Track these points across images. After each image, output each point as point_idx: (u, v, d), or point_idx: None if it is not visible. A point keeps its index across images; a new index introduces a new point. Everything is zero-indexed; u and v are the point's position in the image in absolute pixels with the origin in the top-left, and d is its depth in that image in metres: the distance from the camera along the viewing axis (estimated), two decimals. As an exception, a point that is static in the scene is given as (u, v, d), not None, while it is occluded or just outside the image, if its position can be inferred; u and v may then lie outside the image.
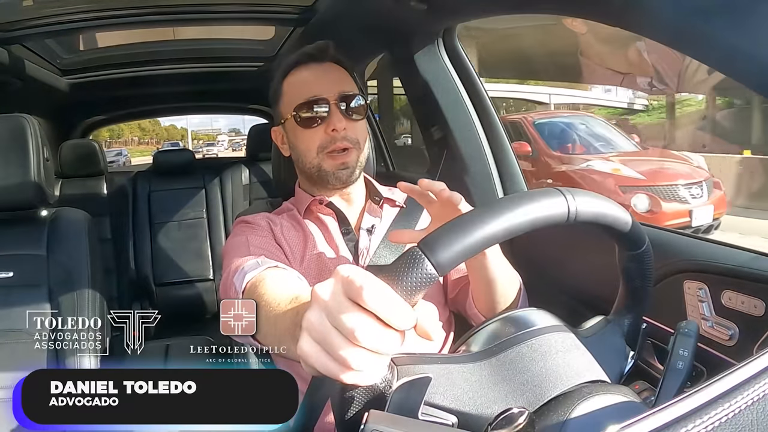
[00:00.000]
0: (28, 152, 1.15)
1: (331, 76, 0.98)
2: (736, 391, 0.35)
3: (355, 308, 0.39)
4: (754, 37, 0.58)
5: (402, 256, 0.43)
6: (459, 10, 1.19)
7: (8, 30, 1.61)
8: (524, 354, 0.52)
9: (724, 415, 0.33)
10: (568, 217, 0.49)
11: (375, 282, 0.39)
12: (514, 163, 1.39)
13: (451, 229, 0.45)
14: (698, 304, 0.84)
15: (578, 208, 0.50)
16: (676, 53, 4.16)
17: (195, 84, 2.63)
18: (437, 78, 1.38)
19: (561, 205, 0.49)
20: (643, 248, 0.57)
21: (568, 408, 0.47)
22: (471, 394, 0.49)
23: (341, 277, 0.40)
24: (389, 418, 0.44)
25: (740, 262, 0.81)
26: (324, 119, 0.95)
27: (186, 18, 1.84)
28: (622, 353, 0.63)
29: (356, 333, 0.38)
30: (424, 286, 0.42)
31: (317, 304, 0.41)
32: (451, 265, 0.44)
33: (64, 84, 2.32)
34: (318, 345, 0.40)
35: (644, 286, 0.61)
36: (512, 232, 0.47)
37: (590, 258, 0.87)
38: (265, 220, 0.99)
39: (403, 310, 0.39)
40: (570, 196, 0.50)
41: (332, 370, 0.40)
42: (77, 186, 2.51)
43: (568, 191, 0.50)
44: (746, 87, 0.63)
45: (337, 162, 0.96)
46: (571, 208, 0.49)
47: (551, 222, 0.49)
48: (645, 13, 0.71)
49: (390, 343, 0.39)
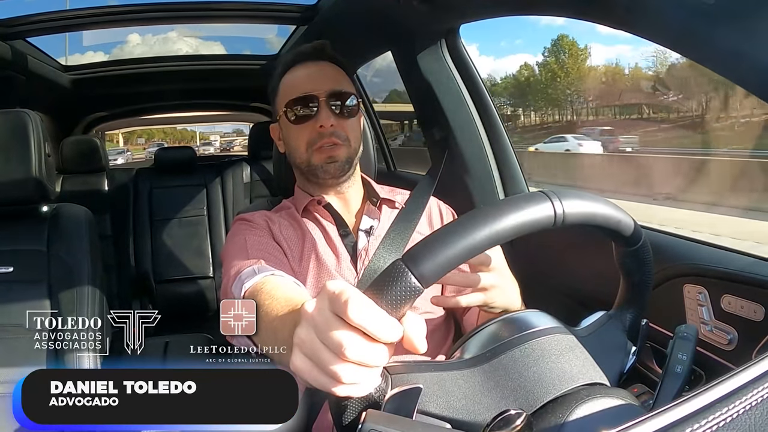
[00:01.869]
0: (30, 148, 1.15)
1: (325, 74, 0.99)
2: (734, 395, 0.35)
3: (341, 324, 0.40)
4: (755, 42, 0.58)
5: (386, 270, 0.43)
6: (463, 11, 1.19)
7: (11, 25, 1.61)
8: (518, 358, 0.51)
9: (722, 419, 0.33)
10: (555, 221, 0.49)
11: (360, 297, 0.40)
12: (515, 164, 1.39)
13: (433, 240, 0.45)
14: (698, 308, 0.84)
15: (565, 211, 0.49)
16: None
17: (197, 82, 2.63)
18: (440, 78, 1.38)
19: (546, 209, 0.48)
20: (639, 244, 0.57)
21: (565, 410, 0.46)
22: (464, 401, 0.49)
23: (327, 293, 0.41)
24: (387, 418, 0.44)
25: (740, 267, 0.81)
26: (313, 116, 0.96)
27: (190, 15, 1.85)
28: (623, 349, 0.62)
29: (343, 348, 0.39)
30: (409, 299, 0.42)
31: (306, 321, 0.42)
32: (435, 277, 0.44)
33: (67, 80, 2.32)
34: (309, 360, 0.42)
35: (644, 280, 0.61)
36: (497, 240, 0.46)
37: (588, 256, 0.87)
38: (264, 218, 0.99)
39: (388, 323, 0.40)
40: (556, 199, 0.49)
41: (324, 383, 0.41)
42: (78, 182, 2.52)
43: (554, 194, 0.49)
44: (747, 90, 0.63)
45: (324, 155, 0.97)
46: (557, 211, 0.48)
47: (538, 227, 0.48)
48: (648, 16, 0.71)
49: (377, 355, 0.40)
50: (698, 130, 14.58)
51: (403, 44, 1.42)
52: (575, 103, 22.89)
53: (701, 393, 0.35)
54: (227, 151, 17.83)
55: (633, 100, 20.31)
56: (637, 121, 18.54)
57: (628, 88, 21.95)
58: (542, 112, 22.62)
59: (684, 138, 14.62)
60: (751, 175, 6.85)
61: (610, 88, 22.99)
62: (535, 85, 22.58)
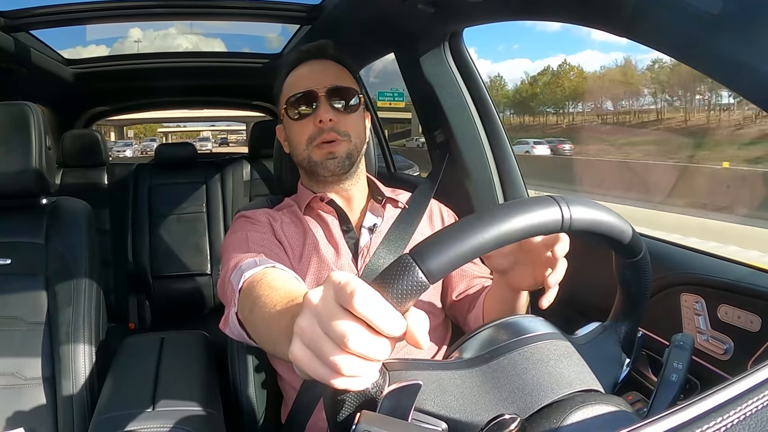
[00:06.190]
0: (31, 140, 1.15)
1: (326, 71, 0.99)
2: (729, 405, 0.35)
3: (345, 315, 0.39)
4: (759, 53, 0.59)
5: (393, 263, 0.43)
6: (466, 15, 1.19)
7: (15, 17, 1.61)
8: (516, 362, 0.51)
9: (716, 429, 0.33)
10: (562, 226, 0.49)
11: (366, 289, 0.39)
12: (516, 169, 1.39)
13: (442, 237, 0.45)
14: (694, 317, 0.84)
15: (573, 217, 0.49)
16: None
17: (200, 78, 2.63)
18: (442, 81, 1.38)
19: (554, 213, 0.48)
20: (640, 256, 0.57)
21: (560, 416, 0.46)
22: (461, 401, 0.49)
23: (333, 283, 0.40)
24: (381, 419, 0.44)
25: (738, 277, 0.81)
26: (313, 112, 0.96)
27: (194, 12, 1.85)
28: (617, 360, 0.63)
29: (346, 339, 0.38)
30: (414, 293, 0.42)
31: (309, 310, 0.42)
32: (442, 274, 0.43)
33: (69, 73, 2.32)
34: (309, 350, 0.41)
35: (641, 293, 0.61)
36: (504, 241, 0.46)
37: (587, 265, 0.87)
38: (265, 215, 0.99)
39: (393, 317, 0.39)
40: (564, 204, 0.49)
41: (323, 375, 0.40)
42: (78, 176, 2.52)
43: (562, 199, 0.50)
44: (750, 101, 0.63)
45: (323, 151, 0.97)
46: (565, 216, 0.49)
47: (544, 230, 0.49)
48: (652, 24, 0.72)
49: (380, 349, 0.39)
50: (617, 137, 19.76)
51: (406, 46, 1.42)
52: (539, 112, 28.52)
53: (696, 402, 0.35)
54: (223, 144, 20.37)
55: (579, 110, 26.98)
56: (581, 128, 25.39)
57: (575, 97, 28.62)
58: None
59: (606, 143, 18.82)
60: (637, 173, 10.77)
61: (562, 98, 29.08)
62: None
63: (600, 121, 31.65)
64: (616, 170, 13.46)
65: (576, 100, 35.09)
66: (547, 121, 35.79)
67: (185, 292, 2.48)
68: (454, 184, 1.39)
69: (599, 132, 25.41)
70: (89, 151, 2.54)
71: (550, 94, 34.64)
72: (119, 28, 2.20)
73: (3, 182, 1.15)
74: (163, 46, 2.63)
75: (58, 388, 1.08)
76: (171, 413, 0.86)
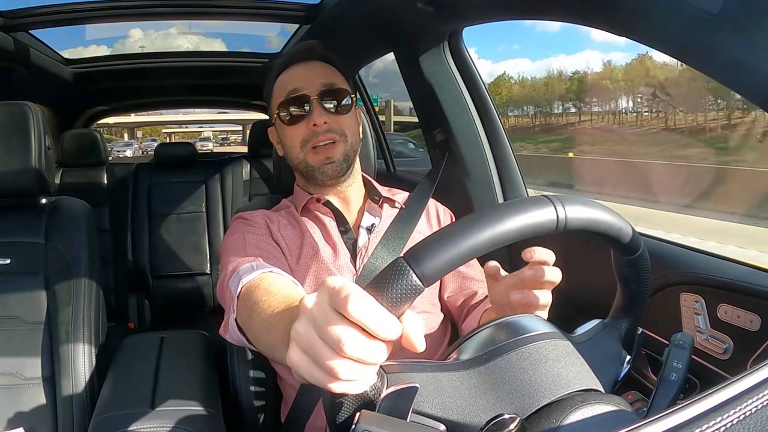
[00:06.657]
0: (30, 140, 1.14)
1: (316, 72, 0.98)
2: (729, 405, 0.34)
3: (340, 319, 0.39)
4: (758, 52, 0.59)
5: (387, 267, 0.43)
6: (466, 14, 1.19)
7: (14, 17, 1.61)
8: (514, 362, 0.51)
9: (716, 429, 0.33)
10: (557, 226, 0.49)
11: (360, 293, 0.40)
12: (515, 169, 1.39)
13: (436, 240, 0.45)
14: (694, 316, 0.84)
15: (568, 216, 0.49)
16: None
17: (199, 78, 2.63)
18: (441, 81, 1.38)
19: (549, 213, 0.48)
20: (638, 253, 0.57)
21: (559, 416, 0.46)
22: (460, 402, 0.49)
23: (327, 288, 0.41)
24: (381, 419, 0.44)
25: (737, 276, 0.81)
26: (306, 115, 0.96)
27: (194, 12, 1.85)
28: (617, 358, 0.62)
29: (342, 344, 0.39)
30: (409, 297, 0.42)
31: (304, 315, 0.42)
32: (437, 277, 0.43)
33: (68, 73, 2.32)
34: (306, 355, 0.41)
35: (641, 290, 0.61)
36: (499, 242, 0.46)
37: (585, 263, 0.87)
38: (263, 217, 0.99)
39: (388, 321, 0.40)
40: (559, 203, 0.49)
41: (320, 379, 0.41)
42: (78, 175, 2.51)
43: (557, 199, 0.49)
44: (749, 100, 0.63)
45: (320, 156, 0.96)
46: (560, 216, 0.48)
47: (540, 231, 0.48)
48: (651, 23, 0.71)
49: (376, 353, 0.40)
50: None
51: (405, 45, 1.42)
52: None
53: (695, 401, 0.35)
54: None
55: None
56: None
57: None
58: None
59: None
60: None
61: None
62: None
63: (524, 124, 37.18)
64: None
65: (510, 105, 41.83)
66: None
67: (185, 292, 2.48)
68: (454, 184, 1.39)
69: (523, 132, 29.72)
70: (89, 150, 2.54)
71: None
72: (119, 28, 2.20)
73: (2, 182, 1.15)
74: (163, 46, 2.62)
75: (57, 387, 1.08)
76: (170, 413, 0.86)
